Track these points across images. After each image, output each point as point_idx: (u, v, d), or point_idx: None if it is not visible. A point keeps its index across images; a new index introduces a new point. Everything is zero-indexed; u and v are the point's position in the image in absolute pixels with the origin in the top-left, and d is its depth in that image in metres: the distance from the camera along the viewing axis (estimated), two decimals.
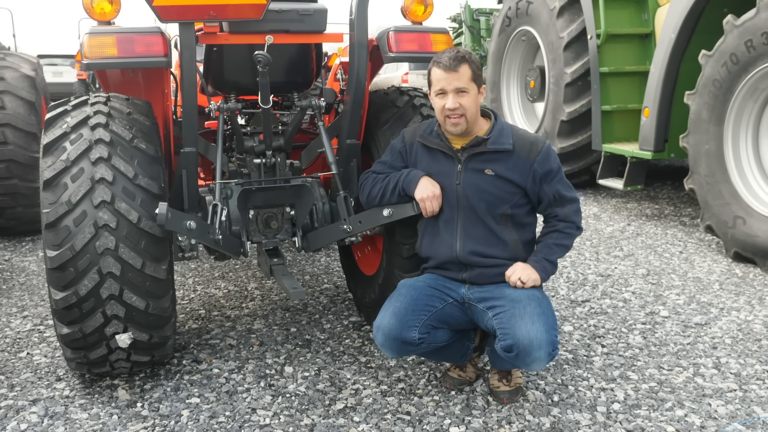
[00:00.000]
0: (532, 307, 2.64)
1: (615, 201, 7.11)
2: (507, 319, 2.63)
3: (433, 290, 2.84)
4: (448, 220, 2.85)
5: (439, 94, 2.75)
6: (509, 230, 2.81)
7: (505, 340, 2.60)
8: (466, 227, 2.82)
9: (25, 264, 5.19)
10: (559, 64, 7.14)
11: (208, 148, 3.42)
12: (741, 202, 4.84)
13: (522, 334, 2.55)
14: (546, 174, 2.79)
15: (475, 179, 2.79)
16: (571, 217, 2.86)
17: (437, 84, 2.74)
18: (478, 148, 2.79)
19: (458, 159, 2.82)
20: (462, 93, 2.71)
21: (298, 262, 5.06)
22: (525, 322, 2.58)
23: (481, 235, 2.80)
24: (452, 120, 2.74)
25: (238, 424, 2.76)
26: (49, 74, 18.15)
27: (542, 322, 2.59)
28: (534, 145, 2.79)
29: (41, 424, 2.78)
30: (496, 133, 2.79)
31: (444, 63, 2.71)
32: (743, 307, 3.97)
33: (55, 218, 2.64)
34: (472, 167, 2.80)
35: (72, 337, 2.75)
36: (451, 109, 2.71)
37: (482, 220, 2.80)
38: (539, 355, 2.56)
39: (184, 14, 2.76)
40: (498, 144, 2.77)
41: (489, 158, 2.79)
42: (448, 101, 2.71)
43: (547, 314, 2.66)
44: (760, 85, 4.74)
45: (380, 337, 2.74)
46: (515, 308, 2.64)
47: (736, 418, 2.76)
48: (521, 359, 2.60)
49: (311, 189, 3.35)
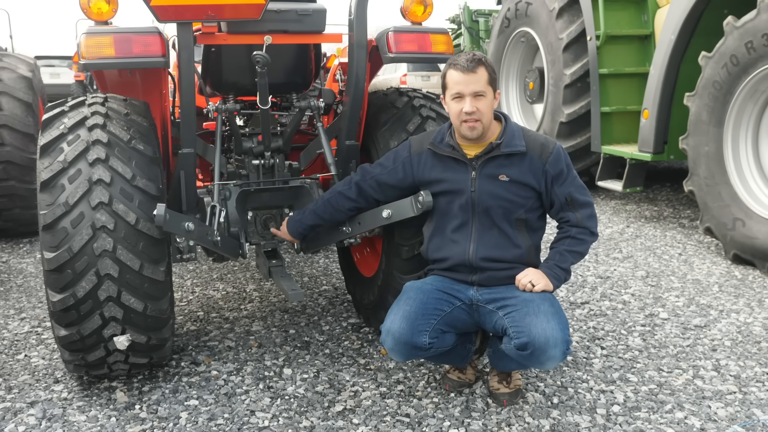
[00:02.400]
0: (546, 306, 2.63)
1: (614, 203, 7.11)
2: (520, 318, 2.61)
3: (441, 293, 2.81)
4: (463, 224, 2.82)
5: (455, 98, 2.71)
6: (523, 235, 2.80)
7: (520, 338, 2.57)
8: (480, 233, 2.79)
9: (23, 266, 5.17)
10: (558, 65, 7.14)
11: (206, 149, 3.41)
12: (740, 204, 4.84)
13: (538, 332, 2.53)
14: (557, 175, 2.76)
15: (490, 186, 2.76)
16: (584, 222, 2.80)
17: (454, 87, 2.70)
18: (491, 153, 2.76)
19: (472, 166, 2.79)
20: (479, 97, 2.67)
21: (296, 263, 5.05)
22: (540, 320, 2.56)
23: (496, 240, 2.78)
24: (469, 124, 2.70)
25: (237, 426, 2.74)
26: (47, 75, 18.08)
27: (557, 321, 2.58)
28: (545, 147, 2.77)
29: (39, 427, 2.76)
30: (508, 136, 2.77)
31: (462, 65, 2.67)
32: (743, 309, 3.97)
33: (52, 220, 2.62)
34: (486, 173, 2.77)
35: (70, 339, 2.74)
36: (469, 113, 2.67)
37: (497, 225, 2.78)
38: (554, 353, 2.55)
39: (181, 14, 2.75)
40: (511, 147, 2.74)
41: (503, 162, 2.76)
42: (466, 105, 2.67)
43: (560, 314, 2.65)
44: (760, 87, 4.74)
45: (390, 342, 2.71)
46: (528, 307, 2.63)
47: (736, 420, 2.75)
48: (536, 357, 2.58)
49: (310, 190, 3.34)
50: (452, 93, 2.71)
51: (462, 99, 2.68)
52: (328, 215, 3.11)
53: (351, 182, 3.04)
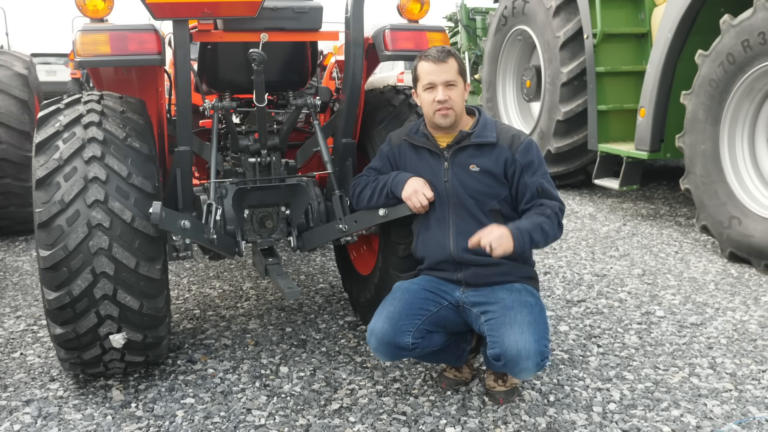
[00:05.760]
0: (523, 315, 2.61)
1: (611, 201, 7.11)
2: (497, 327, 2.61)
3: (428, 293, 2.82)
4: (440, 218, 2.84)
5: (427, 89, 2.77)
6: (500, 224, 2.79)
7: (494, 349, 2.59)
8: (457, 224, 2.81)
9: (19, 264, 5.16)
10: (555, 63, 7.14)
11: (202, 147, 3.40)
12: (736, 202, 4.84)
13: (510, 344, 2.53)
14: (527, 165, 2.75)
15: (462, 176, 2.79)
16: (557, 211, 2.74)
17: (426, 78, 2.76)
18: (462, 142, 2.80)
19: (444, 157, 2.82)
20: (451, 86, 2.74)
21: (293, 261, 5.05)
22: (514, 331, 2.56)
23: (473, 231, 2.77)
24: (441, 112, 2.75)
25: (233, 424, 2.74)
26: (43, 73, 18.04)
27: (532, 332, 2.56)
28: (516, 138, 2.80)
29: (35, 425, 2.76)
30: (480, 127, 2.81)
31: (433, 56, 2.75)
32: (738, 307, 3.97)
33: (47, 217, 2.61)
34: (458, 163, 2.80)
35: (65, 337, 2.73)
36: (441, 101, 2.72)
37: (473, 215, 2.79)
38: (526, 365, 2.54)
39: (177, 11, 2.74)
40: (482, 137, 2.78)
41: (473, 153, 2.79)
42: (438, 94, 2.72)
43: (539, 323, 2.63)
44: (756, 85, 4.75)
45: (374, 342, 2.72)
46: (506, 316, 2.62)
47: (732, 418, 2.76)
48: (509, 368, 2.60)
49: (306, 188, 3.34)
50: (424, 84, 2.77)
51: (434, 89, 2.75)
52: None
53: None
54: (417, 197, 2.81)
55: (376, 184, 2.97)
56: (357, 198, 3.06)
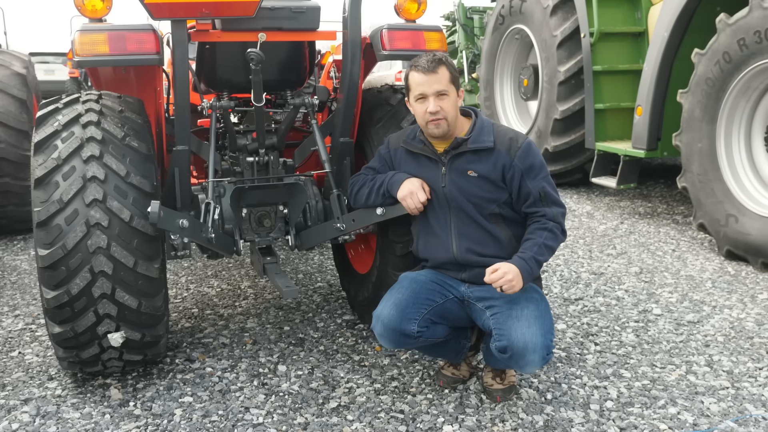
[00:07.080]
0: (530, 309, 2.63)
1: (608, 199, 7.13)
2: (503, 320, 2.63)
3: (435, 285, 2.84)
4: (442, 222, 2.84)
5: (419, 99, 2.74)
6: (502, 227, 2.80)
7: (501, 341, 2.60)
8: (459, 227, 2.81)
9: (17, 263, 5.16)
10: (552, 62, 7.15)
11: (200, 147, 3.40)
12: (733, 200, 4.86)
13: (517, 337, 2.55)
14: (528, 169, 2.73)
15: (460, 181, 2.78)
16: (559, 219, 2.75)
17: (417, 88, 2.72)
18: (459, 149, 2.78)
19: (442, 162, 2.81)
20: (442, 96, 2.70)
21: (291, 260, 5.05)
22: (521, 324, 2.58)
23: (475, 233, 2.79)
24: (434, 123, 2.72)
25: (231, 423, 2.75)
26: (41, 72, 18.00)
27: (538, 326, 2.58)
28: (514, 141, 2.76)
29: (33, 424, 2.76)
30: (476, 132, 2.78)
31: (423, 65, 2.70)
32: (735, 305, 3.99)
33: (46, 217, 2.62)
34: (455, 169, 2.79)
35: (64, 336, 2.74)
36: (433, 112, 2.69)
37: (474, 219, 2.79)
38: (533, 358, 2.56)
39: (176, 11, 2.75)
40: (479, 143, 2.75)
41: (471, 158, 2.77)
42: (430, 105, 2.69)
43: (544, 317, 2.65)
44: (752, 84, 4.76)
45: (379, 327, 2.74)
46: (512, 310, 2.64)
47: (729, 415, 2.77)
48: (515, 361, 2.61)
49: (304, 187, 3.35)
50: (416, 94, 2.74)
51: (425, 99, 2.71)
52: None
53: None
54: (412, 199, 2.82)
55: (374, 183, 2.98)
56: (355, 196, 3.07)
